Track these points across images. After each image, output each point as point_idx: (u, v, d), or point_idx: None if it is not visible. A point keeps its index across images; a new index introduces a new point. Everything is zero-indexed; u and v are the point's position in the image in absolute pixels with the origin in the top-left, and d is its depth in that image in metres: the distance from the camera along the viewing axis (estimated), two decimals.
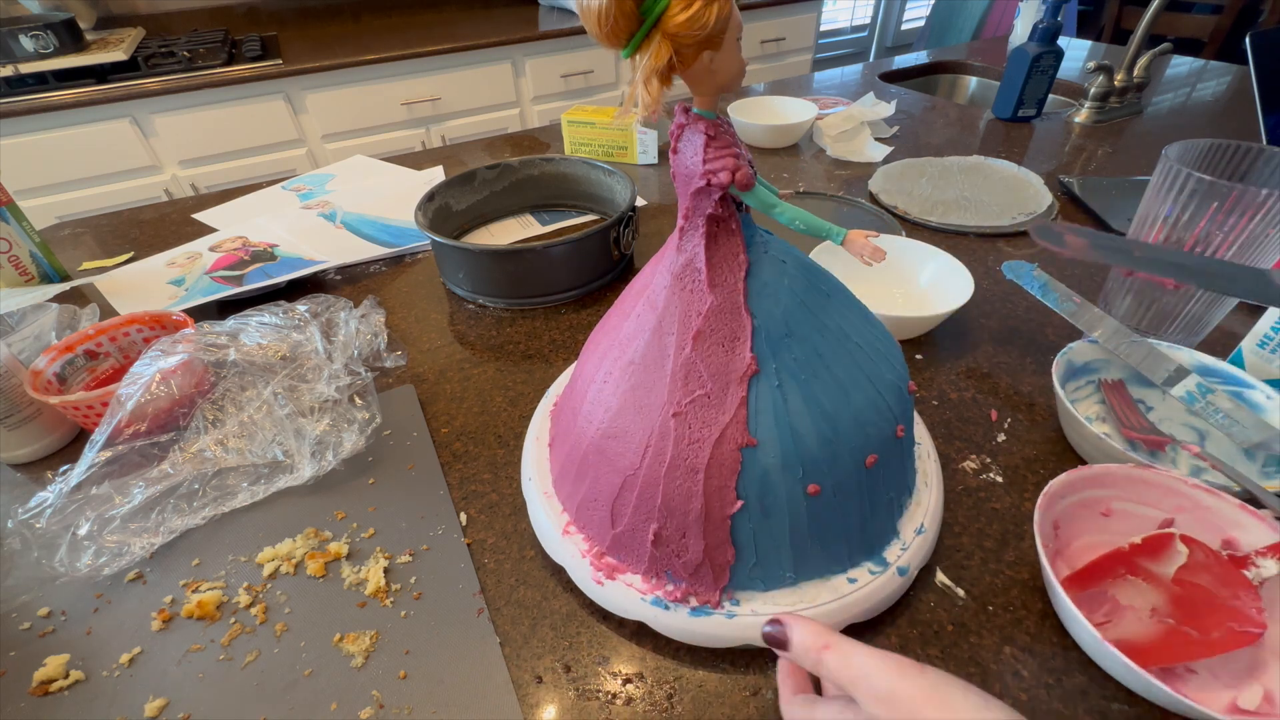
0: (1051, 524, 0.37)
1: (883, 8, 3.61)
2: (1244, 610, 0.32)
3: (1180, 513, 0.36)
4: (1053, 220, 0.49)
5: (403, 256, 0.74)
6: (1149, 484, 0.37)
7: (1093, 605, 0.36)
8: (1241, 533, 0.34)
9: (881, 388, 0.34)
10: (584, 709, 0.33)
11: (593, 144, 0.96)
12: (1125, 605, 0.35)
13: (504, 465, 0.47)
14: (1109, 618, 0.35)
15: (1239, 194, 0.43)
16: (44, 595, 0.39)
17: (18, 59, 1.35)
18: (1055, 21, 0.94)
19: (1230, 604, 0.33)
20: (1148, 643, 0.34)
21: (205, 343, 0.49)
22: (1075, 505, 0.38)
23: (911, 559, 0.36)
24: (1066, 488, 0.37)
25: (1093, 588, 0.36)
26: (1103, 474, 0.38)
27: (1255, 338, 0.46)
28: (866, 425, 0.33)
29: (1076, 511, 0.38)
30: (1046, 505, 0.36)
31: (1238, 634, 0.32)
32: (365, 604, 0.37)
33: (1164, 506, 0.37)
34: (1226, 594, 0.33)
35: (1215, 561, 0.34)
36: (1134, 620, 0.35)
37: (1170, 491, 0.37)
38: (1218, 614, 0.33)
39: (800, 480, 0.31)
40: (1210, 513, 0.36)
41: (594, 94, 1.91)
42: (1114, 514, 0.38)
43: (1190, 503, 0.36)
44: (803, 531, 0.33)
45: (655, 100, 0.25)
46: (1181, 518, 0.36)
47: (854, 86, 1.24)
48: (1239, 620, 0.32)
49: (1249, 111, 0.96)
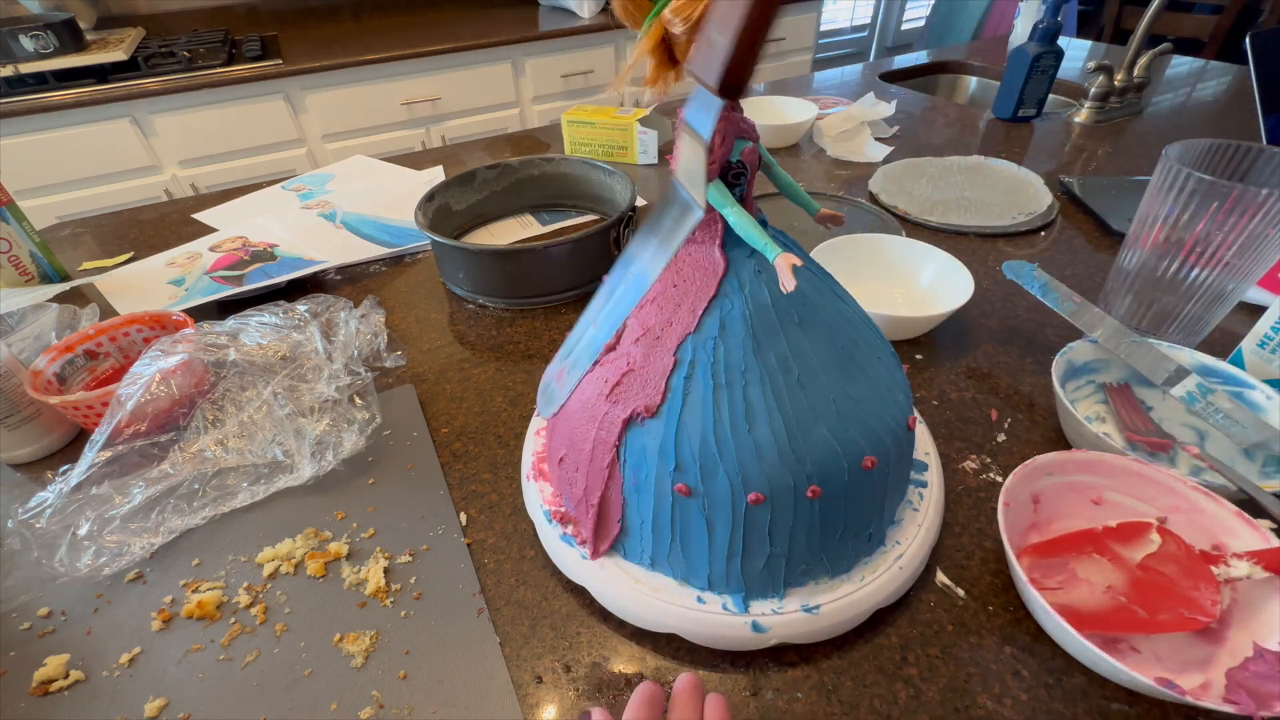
0: (1031, 495, 0.37)
1: (883, 8, 3.61)
2: (1198, 600, 0.32)
3: (1175, 513, 0.36)
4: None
5: (403, 256, 0.74)
6: (1147, 480, 0.37)
7: (1049, 572, 0.36)
8: (1233, 540, 0.34)
9: (803, 436, 0.31)
10: (584, 709, 0.33)
11: (593, 144, 0.96)
12: (1082, 578, 0.35)
13: (504, 465, 0.47)
14: (1061, 585, 0.35)
15: (1239, 194, 0.43)
16: (44, 595, 0.39)
17: (18, 59, 1.35)
18: (1055, 21, 0.94)
19: (1188, 593, 0.33)
20: (1091, 612, 0.34)
21: (205, 343, 0.49)
22: (1063, 486, 0.38)
23: (777, 625, 0.33)
24: (1055, 465, 0.37)
25: (1054, 558, 0.36)
26: (1098, 461, 0.38)
27: (1255, 338, 0.46)
28: (761, 462, 0.31)
29: (1064, 493, 0.38)
30: (1028, 474, 0.36)
31: (1184, 619, 0.32)
32: (365, 604, 0.37)
33: (1159, 505, 0.37)
34: (1186, 584, 0.33)
35: (1186, 554, 0.34)
36: (1085, 591, 0.35)
37: (1167, 490, 0.36)
38: (1171, 600, 0.33)
39: (671, 474, 0.32)
40: (1205, 516, 0.35)
41: (594, 94, 1.91)
42: (1105, 503, 0.38)
43: (1187, 504, 0.36)
44: (665, 523, 0.33)
45: (652, 79, 0.28)
46: (1175, 518, 0.36)
47: (854, 86, 1.24)
48: (1190, 608, 0.32)
49: (1249, 111, 0.96)
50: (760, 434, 0.31)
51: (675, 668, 0.34)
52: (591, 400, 0.34)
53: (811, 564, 0.34)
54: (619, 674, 0.34)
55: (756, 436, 0.31)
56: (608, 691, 0.33)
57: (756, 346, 0.31)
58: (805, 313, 0.32)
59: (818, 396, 0.31)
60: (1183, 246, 0.47)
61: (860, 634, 0.35)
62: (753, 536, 0.32)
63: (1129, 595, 0.34)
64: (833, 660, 0.34)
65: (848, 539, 0.34)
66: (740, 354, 0.31)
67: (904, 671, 0.33)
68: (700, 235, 0.32)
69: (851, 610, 0.34)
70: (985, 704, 0.32)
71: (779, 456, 0.31)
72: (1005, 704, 0.32)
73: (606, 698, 0.33)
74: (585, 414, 0.35)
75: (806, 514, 0.32)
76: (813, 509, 0.32)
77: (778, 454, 0.31)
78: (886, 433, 0.33)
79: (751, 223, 0.29)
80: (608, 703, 0.33)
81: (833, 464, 0.31)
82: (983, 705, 0.32)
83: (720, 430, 0.31)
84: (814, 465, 0.31)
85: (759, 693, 0.33)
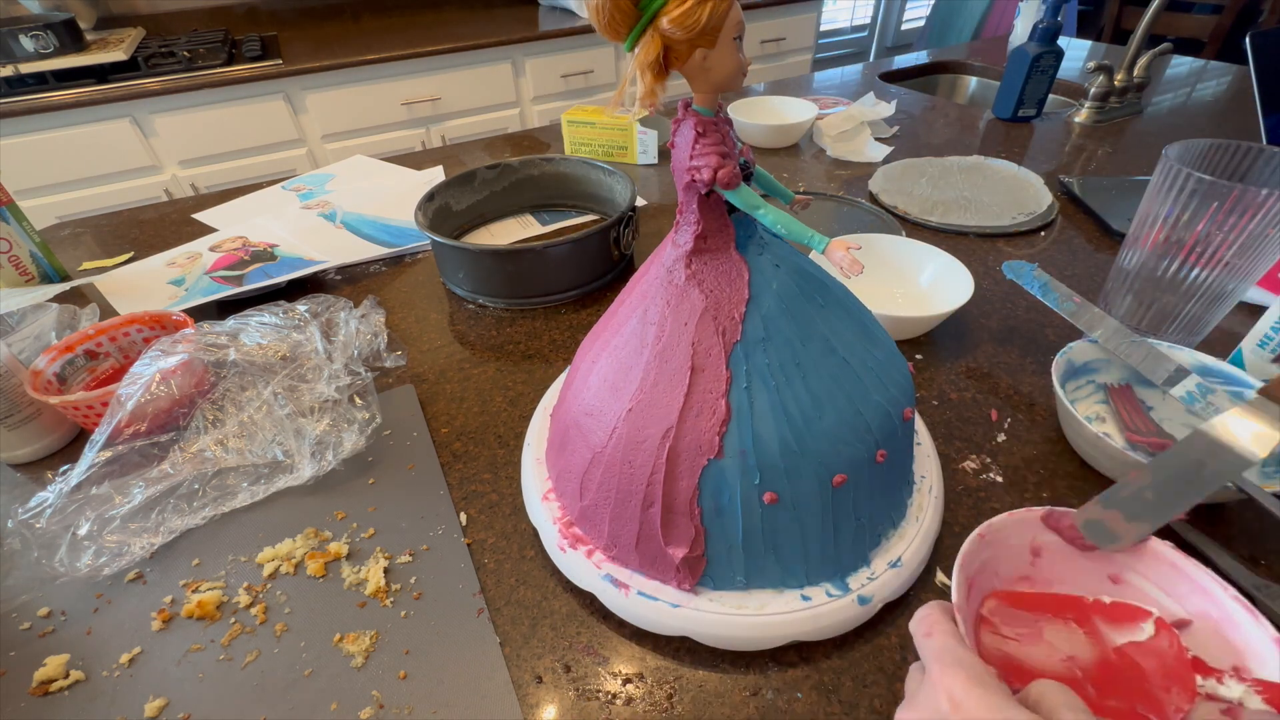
0: (1030, 545, 0.32)
1: (883, 8, 3.61)
2: (1162, 703, 0.27)
3: (1204, 620, 0.30)
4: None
5: (403, 256, 0.74)
6: (1180, 573, 0.30)
7: (1012, 622, 0.31)
8: (1259, 666, 0.27)
9: (864, 407, 0.32)
10: (584, 709, 0.33)
11: (593, 144, 0.96)
12: (1045, 639, 0.30)
13: (504, 465, 0.47)
14: (1018, 638, 0.30)
15: (1239, 194, 0.43)
16: (44, 595, 0.39)
17: (18, 59, 1.35)
18: (1055, 21, 0.94)
19: (1155, 692, 0.27)
20: (1036, 672, 0.29)
21: (205, 343, 0.49)
22: (1077, 550, 0.33)
23: (878, 590, 0.34)
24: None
25: (1025, 611, 0.31)
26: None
27: (1255, 338, 0.46)
28: (838, 443, 0.32)
29: (1076, 557, 0.32)
30: (1031, 520, 0.32)
31: (1135, 715, 0.27)
32: (365, 604, 0.37)
33: (1187, 605, 0.30)
34: (1158, 683, 0.28)
35: (1175, 656, 0.28)
36: (1041, 652, 0.30)
37: (1202, 591, 0.30)
38: (1132, 692, 0.28)
39: (757, 486, 0.31)
40: (1238, 631, 0.28)
41: (594, 94, 1.91)
42: (1123, 584, 0.32)
43: (1220, 613, 0.29)
44: (756, 538, 0.33)
45: (649, 93, 0.26)
46: (1202, 625, 0.29)
47: (854, 86, 1.24)
48: (1149, 706, 0.27)
49: (1249, 111, 0.96)
50: (829, 420, 0.32)
51: (676, 668, 0.34)
52: (635, 441, 0.33)
53: (881, 520, 0.36)
54: (619, 674, 0.34)
55: (827, 422, 0.31)
56: (608, 692, 0.33)
57: (801, 336, 0.32)
58: (824, 294, 0.34)
59: (861, 367, 0.33)
60: (1183, 246, 0.47)
61: (860, 634, 0.35)
62: (841, 515, 0.33)
63: (1087, 672, 0.29)
64: (833, 660, 0.34)
65: (902, 487, 0.37)
66: (790, 349, 0.31)
67: (904, 671, 0.33)
68: (713, 244, 0.31)
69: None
70: None
71: (852, 433, 0.32)
72: None
73: (607, 698, 0.33)
74: (630, 458, 0.33)
75: (878, 476, 0.34)
76: (878, 470, 0.34)
77: (850, 431, 0.32)
78: (908, 386, 0.36)
79: (790, 217, 0.29)
80: (608, 703, 0.33)
81: (889, 423, 0.34)
82: None
83: (794, 428, 0.31)
84: (878, 429, 0.33)
85: (759, 693, 0.33)
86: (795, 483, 0.31)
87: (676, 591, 0.34)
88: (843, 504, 0.33)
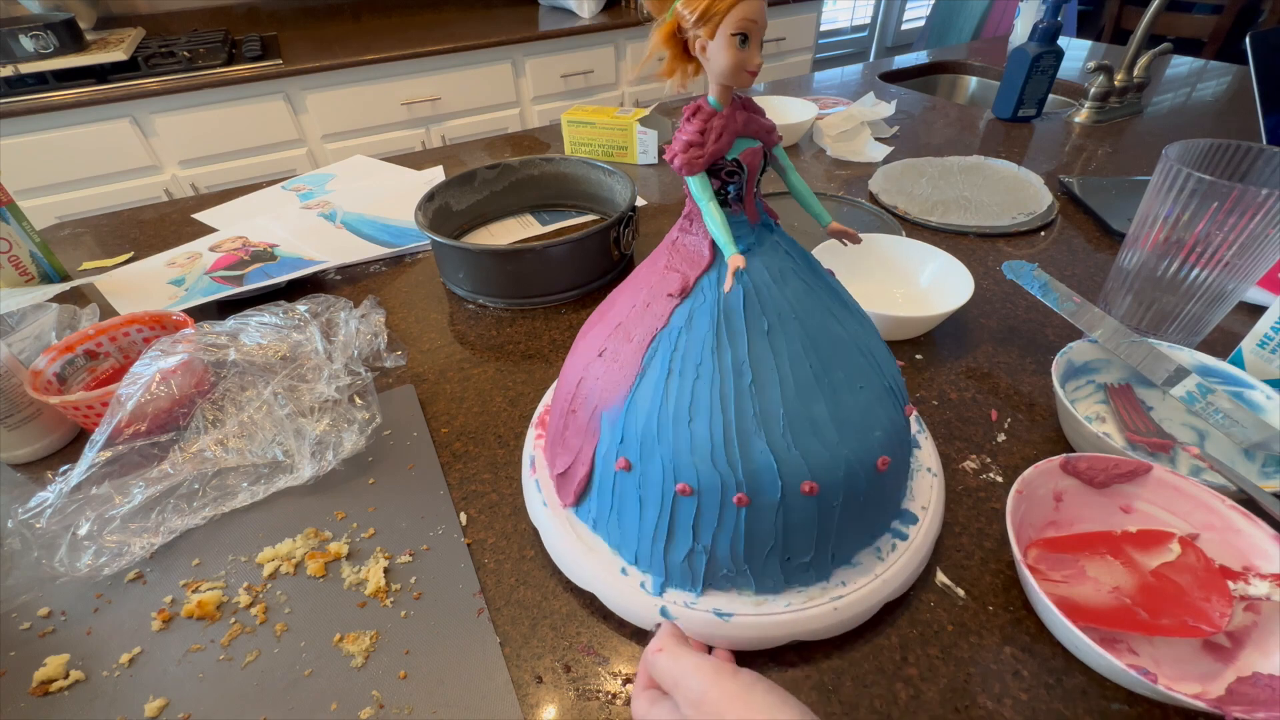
0: (1054, 492, 0.36)
1: (883, 8, 3.61)
2: (1207, 611, 0.31)
3: (1209, 530, 0.34)
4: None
5: (403, 256, 0.74)
6: (1182, 493, 0.35)
7: (1056, 566, 0.35)
8: (1266, 563, 0.32)
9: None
10: (584, 709, 0.33)
11: (593, 144, 0.96)
12: (1089, 576, 0.34)
13: (504, 465, 0.47)
14: (1066, 580, 0.34)
15: (1239, 194, 0.43)
16: (44, 595, 0.39)
17: (18, 59, 1.35)
18: (1055, 21, 0.94)
19: (1197, 603, 0.32)
20: (1091, 608, 0.33)
21: (205, 343, 0.49)
22: (1091, 488, 0.37)
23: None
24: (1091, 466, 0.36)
25: (1065, 554, 0.35)
26: (1134, 469, 0.36)
27: (1255, 338, 0.46)
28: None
29: (1090, 496, 0.37)
30: (1050, 470, 0.36)
31: (1187, 627, 0.31)
32: (365, 604, 0.37)
33: (1193, 520, 0.35)
34: (1198, 594, 0.32)
35: (1204, 568, 0.33)
36: (1090, 588, 0.34)
37: (1203, 506, 0.35)
38: (1178, 607, 0.32)
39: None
40: (1240, 537, 0.33)
41: (594, 94, 1.91)
42: (1134, 512, 0.36)
43: (1222, 522, 0.34)
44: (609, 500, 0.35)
45: (668, 71, 0.28)
46: (1208, 536, 0.34)
47: (854, 86, 1.24)
48: (1196, 617, 0.31)
49: (1249, 111, 0.96)
50: (698, 429, 0.31)
51: None
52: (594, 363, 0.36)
53: (734, 572, 0.33)
54: (619, 674, 0.34)
55: (694, 430, 0.31)
56: (608, 692, 0.33)
57: (716, 345, 0.31)
58: (780, 324, 0.32)
59: (767, 408, 0.31)
60: (1183, 246, 0.47)
61: (860, 634, 0.35)
62: (677, 525, 0.33)
63: (1134, 598, 0.33)
64: (833, 660, 0.34)
65: (775, 560, 0.33)
66: (699, 348, 0.32)
67: (904, 671, 0.33)
68: (696, 227, 0.33)
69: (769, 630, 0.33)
70: (985, 704, 0.32)
71: (711, 455, 0.31)
72: (1005, 704, 0.32)
73: (607, 698, 0.33)
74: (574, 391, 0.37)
75: (732, 520, 0.32)
76: (739, 516, 0.31)
77: (710, 452, 0.31)
78: (839, 465, 0.31)
79: (718, 221, 0.30)
80: (608, 703, 0.33)
81: (765, 478, 0.31)
82: (983, 705, 0.32)
83: (663, 416, 0.32)
84: (745, 474, 0.31)
85: None
86: (646, 464, 0.32)
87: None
88: (680, 516, 0.33)
